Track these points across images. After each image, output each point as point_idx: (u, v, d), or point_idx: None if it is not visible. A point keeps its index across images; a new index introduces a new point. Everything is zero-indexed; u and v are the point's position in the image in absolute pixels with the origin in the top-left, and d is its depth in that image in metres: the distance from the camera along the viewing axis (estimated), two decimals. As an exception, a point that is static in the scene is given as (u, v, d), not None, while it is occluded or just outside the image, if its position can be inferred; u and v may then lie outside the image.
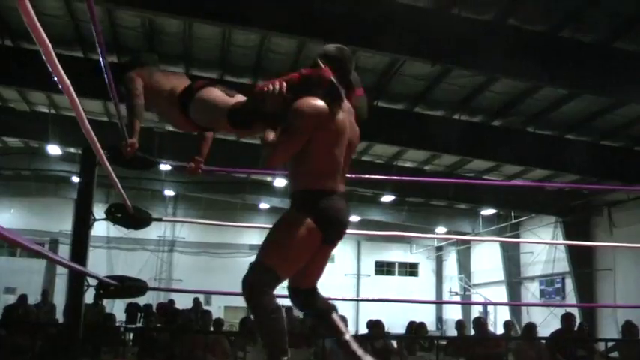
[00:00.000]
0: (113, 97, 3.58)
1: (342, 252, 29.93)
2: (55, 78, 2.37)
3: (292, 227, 3.26)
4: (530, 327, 10.37)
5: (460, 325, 11.62)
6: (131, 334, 10.57)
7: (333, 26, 9.60)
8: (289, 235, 3.24)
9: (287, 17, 9.55)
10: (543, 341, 9.68)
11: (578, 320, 10.83)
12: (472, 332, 10.87)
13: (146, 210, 5.39)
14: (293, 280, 3.47)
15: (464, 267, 27.91)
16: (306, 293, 3.51)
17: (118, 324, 12.13)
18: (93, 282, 4.35)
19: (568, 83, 11.11)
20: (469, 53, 10.11)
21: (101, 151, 3.53)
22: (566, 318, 9.83)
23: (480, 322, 10.67)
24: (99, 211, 4.96)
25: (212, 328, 10.34)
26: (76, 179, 20.72)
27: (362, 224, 23.18)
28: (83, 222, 4.36)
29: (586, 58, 10.41)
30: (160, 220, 5.60)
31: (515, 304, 24.01)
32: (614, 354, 9.67)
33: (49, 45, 2.14)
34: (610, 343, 9.73)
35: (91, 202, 4.40)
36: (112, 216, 4.66)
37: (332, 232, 3.32)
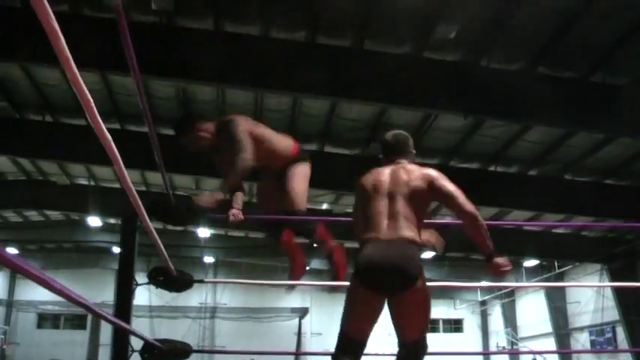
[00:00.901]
0: (159, 164, 3.63)
1: (386, 311, 29.55)
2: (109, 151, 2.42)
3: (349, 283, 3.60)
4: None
5: None
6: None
7: (364, 84, 9.71)
8: (347, 291, 3.61)
9: (322, 79, 9.67)
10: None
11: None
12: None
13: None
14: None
15: (509, 320, 27.35)
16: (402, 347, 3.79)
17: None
18: (137, 347, 4.34)
19: (602, 128, 11.03)
20: (500, 104, 10.11)
21: (146, 216, 3.56)
22: None
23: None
24: (140, 279, 4.98)
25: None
26: (116, 249, 20.95)
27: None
28: (126, 286, 4.38)
29: (619, 102, 10.34)
30: (201, 281, 5.59)
31: (563, 352, 23.37)
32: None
33: (100, 120, 2.19)
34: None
35: (133, 266, 4.43)
36: (154, 279, 4.67)
37: (364, 275, 3.47)
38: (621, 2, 8.56)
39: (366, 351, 3.69)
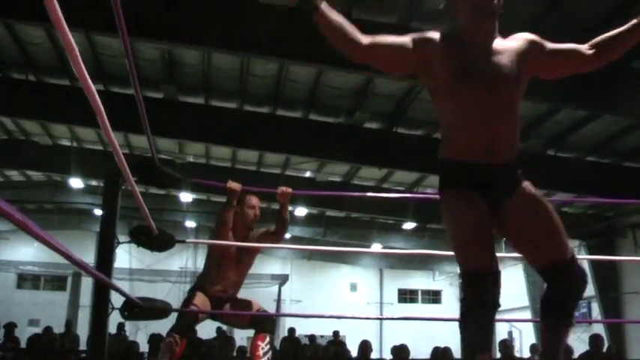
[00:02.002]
0: (145, 128, 3.61)
1: (365, 280, 29.82)
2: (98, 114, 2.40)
3: None
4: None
5: (504, 345, 10.93)
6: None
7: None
8: None
9: (309, 47, 9.63)
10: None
11: (606, 344, 10.68)
12: (498, 356, 10.73)
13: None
14: None
15: (487, 293, 27.56)
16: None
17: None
18: (117, 305, 4.34)
19: (588, 105, 11.08)
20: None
21: (130, 176, 3.55)
22: (595, 339, 9.73)
23: (506, 345, 10.55)
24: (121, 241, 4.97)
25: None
26: (98, 211, 20.89)
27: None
28: (107, 244, 4.36)
29: (606, 80, 10.37)
30: (183, 241, 5.60)
31: (537, 320, 23.68)
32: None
33: (89, 79, 2.16)
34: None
35: (115, 225, 4.42)
36: (135, 238, 4.66)
37: None
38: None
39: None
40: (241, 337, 23.65)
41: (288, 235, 24.62)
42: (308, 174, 17.56)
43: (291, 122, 13.55)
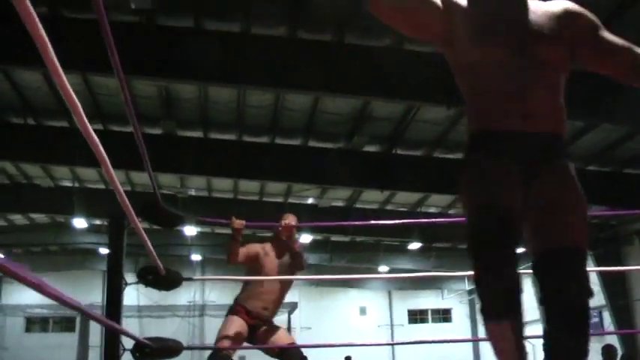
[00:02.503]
0: (146, 165, 3.64)
1: (374, 303, 29.71)
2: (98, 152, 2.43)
3: None
4: None
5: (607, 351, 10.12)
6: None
7: (352, 79, 9.74)
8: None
9: (303, 74, 9.70)
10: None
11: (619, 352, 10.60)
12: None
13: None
14: None
15: (498, 309, 27.40)
16: None
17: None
18: (128, 347, 4.35)
19: (584, 115, 11.11)
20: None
21: (134, 216, 3.57)
22: (608, 349, 9.64)
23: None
24: (129, 280, 4.99)
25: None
26: (103, 250, 20.89)
27: (392, 273, 23.04)
28: (115, 286, 4.38)
29: (601, 89, 10.43)
30: (190, 279, 5.63)
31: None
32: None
33: (86, 121, 2.19)
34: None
35: (122, 266, 4.44)
36: (143, 279, 4.68)
37: None
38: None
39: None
40: (253, 368, 23.58)
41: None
42: (310, 200, 17.57)
43: (290, 150, 13.60)
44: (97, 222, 19.48)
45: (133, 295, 21.46)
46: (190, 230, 20.05)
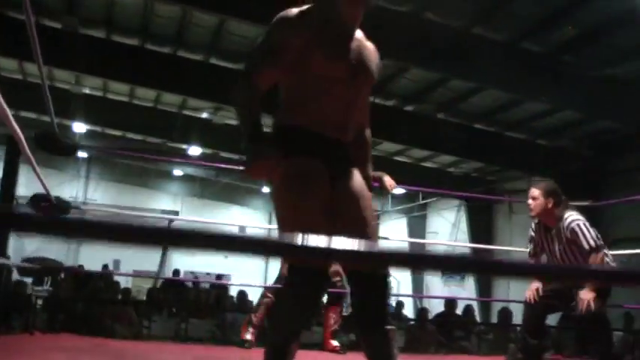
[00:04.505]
0: (36, 56, 3.62)
1: (254, 222, 30.26)
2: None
3: None
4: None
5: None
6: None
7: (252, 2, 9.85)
8: None
9: None
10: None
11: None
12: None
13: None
14: None
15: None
16: None
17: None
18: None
19: (475, 78, 11.76)
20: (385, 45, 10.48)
21: (26, 146, 3.69)
22: (449, 301, 11.08)
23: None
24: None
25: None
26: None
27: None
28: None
29: (495, 56, 11.03)
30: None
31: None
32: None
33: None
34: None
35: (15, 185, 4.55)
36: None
37: None
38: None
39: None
40: (126, 270, 23.71)
41: (180, 173, 24.72)
42: (205, 114, 17.59)
43: (191, 65, 13.59)
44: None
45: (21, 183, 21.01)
46: (79, 127, 19.65)
